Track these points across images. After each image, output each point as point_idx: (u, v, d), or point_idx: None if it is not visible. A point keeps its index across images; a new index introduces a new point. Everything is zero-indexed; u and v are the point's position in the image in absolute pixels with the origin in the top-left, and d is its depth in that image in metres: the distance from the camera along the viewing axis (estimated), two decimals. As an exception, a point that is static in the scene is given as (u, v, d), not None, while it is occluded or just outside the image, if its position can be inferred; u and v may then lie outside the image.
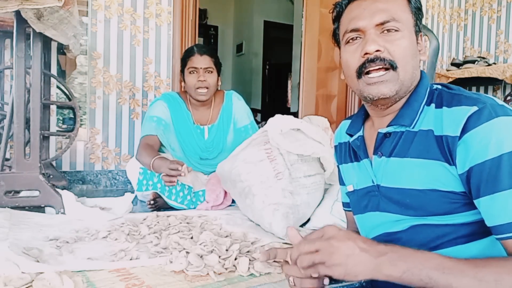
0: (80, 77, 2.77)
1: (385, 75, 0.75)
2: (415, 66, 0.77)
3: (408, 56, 0.75)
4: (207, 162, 2.11)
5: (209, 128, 2.11)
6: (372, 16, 0.76)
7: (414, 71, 0.77)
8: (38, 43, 1.70)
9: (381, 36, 0.75)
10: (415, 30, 0.78)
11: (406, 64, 0.75)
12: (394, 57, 0.74)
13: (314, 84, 3.54)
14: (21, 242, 1.22)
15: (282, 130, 1.58)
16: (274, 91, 6.64)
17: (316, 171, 1.62)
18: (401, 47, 0.75)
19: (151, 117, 2.00)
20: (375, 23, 0.76)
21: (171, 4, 2.79)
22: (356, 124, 0.90)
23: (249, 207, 1.59)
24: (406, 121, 0.77)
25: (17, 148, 1.67)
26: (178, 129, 2.04)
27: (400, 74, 0.75)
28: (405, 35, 0.76)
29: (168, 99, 2.06)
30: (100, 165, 2.65)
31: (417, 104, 0.77)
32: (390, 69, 0.75)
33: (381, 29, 0.76)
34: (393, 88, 0.75)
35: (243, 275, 1.06)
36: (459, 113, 0.69)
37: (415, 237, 0.76)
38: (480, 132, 0.65)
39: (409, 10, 0.78)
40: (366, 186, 0.85)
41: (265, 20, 6.24)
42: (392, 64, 0.74)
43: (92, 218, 1.59)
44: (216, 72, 2.05)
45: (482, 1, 3.68)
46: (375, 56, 0.74)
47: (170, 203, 1.90)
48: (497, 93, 3.55)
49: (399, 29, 0.75)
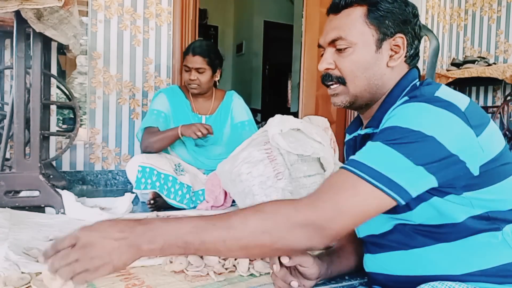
0: (80, 77, 2.77)
1: (336, 89, 0.83)
2: (370, 76, 0.80)
3: (358, 70, 0.80)
4: (202, 149, 2.17)
5: (207, 118, 2.21)
6: (325, 35, 0.83)
7: (369, 82, 0.80)
8: (38, 43, 1.70)
9: (336, 53, 0.81)
10: (376, 39, 0.79)
11: (355, 78, 0.80)
12: (342, 73, 0.81)
13: (314, 84, 3.54)
14: (21, 242, 1.22)
15: (282, 130, 1.58)
16: (274, 91, 6.63)
17: (316, 171, 1.62)
18: (350, 63, 0.80)
19: (152, 110, 2.13)
20: (327, 42, 0.82)
21: (171, 4, 2.79)
22: (353, 125, 0.93)
23: (249, 207, 1.59)
24: (375, 123, 0.80)
25: (17, 148, 1.67)
26: (176, 116, 2.14)
27: (350, 88, 0.81)
28: (356, 50, 0.79)
29: (168, 91, 2.20)
30: (100, 165, 2.65)
31: (388, 106, 0.79)
32: (341, 84, 0.82)
33: (335, 47, 0.81)
34: (344, 100, 0.83)
35: (243, 275, 1.06)
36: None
37: (400, 237, 0.77)
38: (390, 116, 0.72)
39: (366, 22, 0.79)
40: None
41: (265, 20, 6.24)
42: (339, 80, 0.82)
43: (92, 218, 1.59)
44: (209, 70, 2.13)
45: (482, 1, 3.68)
46: (325, 73, 0.83)
47: (169, 202, 1.90)
48: (497, 93, 3.55)
49: (349, 45, 0.79)
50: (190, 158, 2.13)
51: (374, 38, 0.79)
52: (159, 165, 1.93)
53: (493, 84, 3.54)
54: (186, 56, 2.14)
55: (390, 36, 0.80)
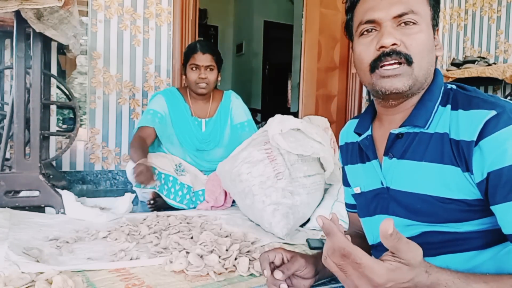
0: (80, 77, 2.77)
1: (399, 69, 0.71)
2: (431, 62, 0.74)
3: (424, 51, 0.72)
4: (203, 154, 2.15)
5: (207, 122, 2.18)
6: (389, 7, 0.72)
7: (429, 67, 0.74)
8: (38, 43, 1.70)
9: (398, 29, 0.72)
10: (432, 24, 0.75)
11: (421, 60, 0.72)
12: (410, 51, 0.71)
13: (314, 84, 3.54)
14: (21, 242, 1.22)
15: (282, 130, 1.58)
16: (274, 91, 6.63)
17: (316, 171, 1.62)
18: (418, 41, 0.72)
19: (148, 110, 2.10)
20: (392, 15, 0.72)
21: (171, 4, 2.79)
22: (365, 123, 0.86)
23: (249, 207, 1.59)
24: (420, 121, 0.73)
25: (17, 148, 1.67)
26: (175, 121, 2.11)
27: (415, 69, 0.72)
28: (423, 29, 0.72)
29: (166, 93, 2.16)
30: (100, 165, 2.65)
31: (431, 104, 0.74)
32: (405, 64, 0.71)
33: (398, 22, 0.72)
34: (406, 83, 0.72)
35: (243, 275, 1.06)
36: (476, 117, 0.66)
37: (426, 244, 0.73)
38: (497, 138, 0.63)
39: (427, 2, 0.75)
40: (375, 188, 0.83)
41: (265, 20, 6.24)
42: (407, 59, 0.71)
43: (92, 218, 1.59)
44: (216, 69, 2.12)
45: (482, 1, 3.68)
46: (391, 49, 0.71)
47: (169, 202, 1.90)
48: (497, 93, 3.55)
49: (417, 22, 0.72)
50: (191, 162, 2.13)
51: (432, 23, 0.75)
52: (160, 165, 1.93)
53: (493, 84, 3.54)
54: (193, 55, 2.07)
55: (436, 25, 0.77)
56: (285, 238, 1.43)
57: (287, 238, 1.43)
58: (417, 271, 0.57)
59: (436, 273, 0.60)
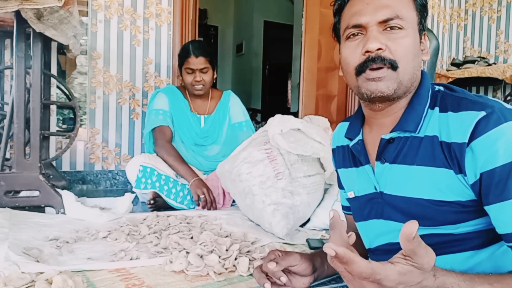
0: (80, 77, 2.77)
1: (383, 71, 0.72)
2: (416, 66, 0.74)
3: (409, 56, 0.72)
4: (201, 148, 2.19)
5: (206, 118, 2.22)
6: (375, 12, 0.72)
7: (414, 72, 0.74)
8: (38, 43, 1.70)
9: (384, 34, 0.72)
10: (418, 28, 0.75)
11: (407, 64, 0.72)
12: (395, 56, 0.71)
13: (314, 84, 3.54)
14: (21, 242, 1.22)
15: (282, 130, 1.58)
16: (274, 91, 6.63)
17: (316, 171, 1.62)
18: (404, 47, 0.72)
19: (157, 110, 2.11)
20: (378, 20, 0.72)
21: (171, 4, 2.79)
22: (355, 128, 0.86)
23: (249, 207, 1.59)
24: (411, 126, 0.74)
25: (17, 148, 1.67)
26: (175, 116, 2.15)
27: (399, 74, 0.72)
28: (409, 34, 0.73)
29: (167, 91, 2.21)
30: (100, 165, 2.65)
31: (421, 108, 0.74)
32: (390, 68, 0.72)
33: (384, 27, 0.72)
34: (391, 87, 0.72)
35: (243, 275, 1.06)
36: (466, 119, 0.66)
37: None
38: (488, 138, 0.63)
39: (414, 7, 0.75)
40: (368, 193, 0.82)
41: (265, 20, 6.24)
42: (392, 64, 0.71)
43: (92, 218, 1.59)
44: (211, 69, 2.15)
45: (482, 1, 3.68)
46: (376, 54, 0.71)
47: (169, 202, 1.90)
48: (497, 93, 3.55)
49: (402, 27, 0.72)
50: (188, 157, 2.13)
51: (418, 27, 0.75)
52: (160, 166, 1.94)
53: (493, 84, 3.54)
54: (186, 59, 2.08)
55: (423, 29, 0.77)
56: (285, 238, 1.43)
57: (287, 238, 1.43)
58: (426, 275, 0.58)
59: (442, 276, 0.60)
